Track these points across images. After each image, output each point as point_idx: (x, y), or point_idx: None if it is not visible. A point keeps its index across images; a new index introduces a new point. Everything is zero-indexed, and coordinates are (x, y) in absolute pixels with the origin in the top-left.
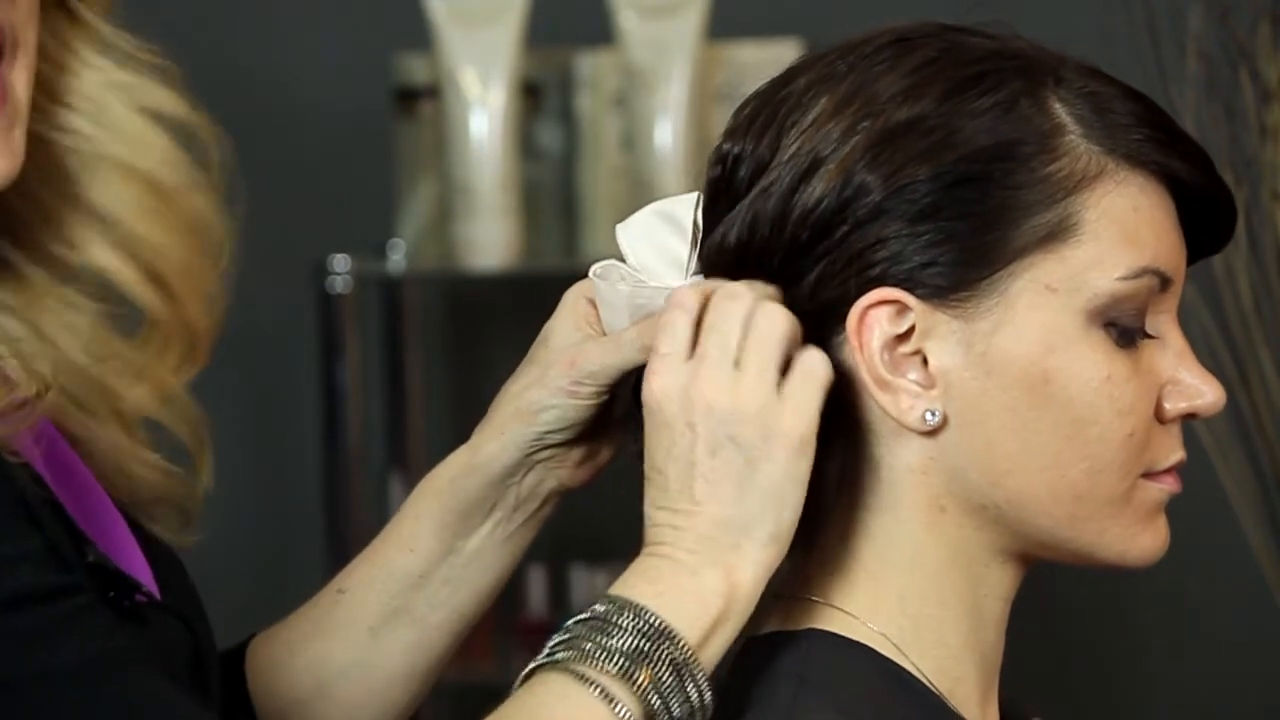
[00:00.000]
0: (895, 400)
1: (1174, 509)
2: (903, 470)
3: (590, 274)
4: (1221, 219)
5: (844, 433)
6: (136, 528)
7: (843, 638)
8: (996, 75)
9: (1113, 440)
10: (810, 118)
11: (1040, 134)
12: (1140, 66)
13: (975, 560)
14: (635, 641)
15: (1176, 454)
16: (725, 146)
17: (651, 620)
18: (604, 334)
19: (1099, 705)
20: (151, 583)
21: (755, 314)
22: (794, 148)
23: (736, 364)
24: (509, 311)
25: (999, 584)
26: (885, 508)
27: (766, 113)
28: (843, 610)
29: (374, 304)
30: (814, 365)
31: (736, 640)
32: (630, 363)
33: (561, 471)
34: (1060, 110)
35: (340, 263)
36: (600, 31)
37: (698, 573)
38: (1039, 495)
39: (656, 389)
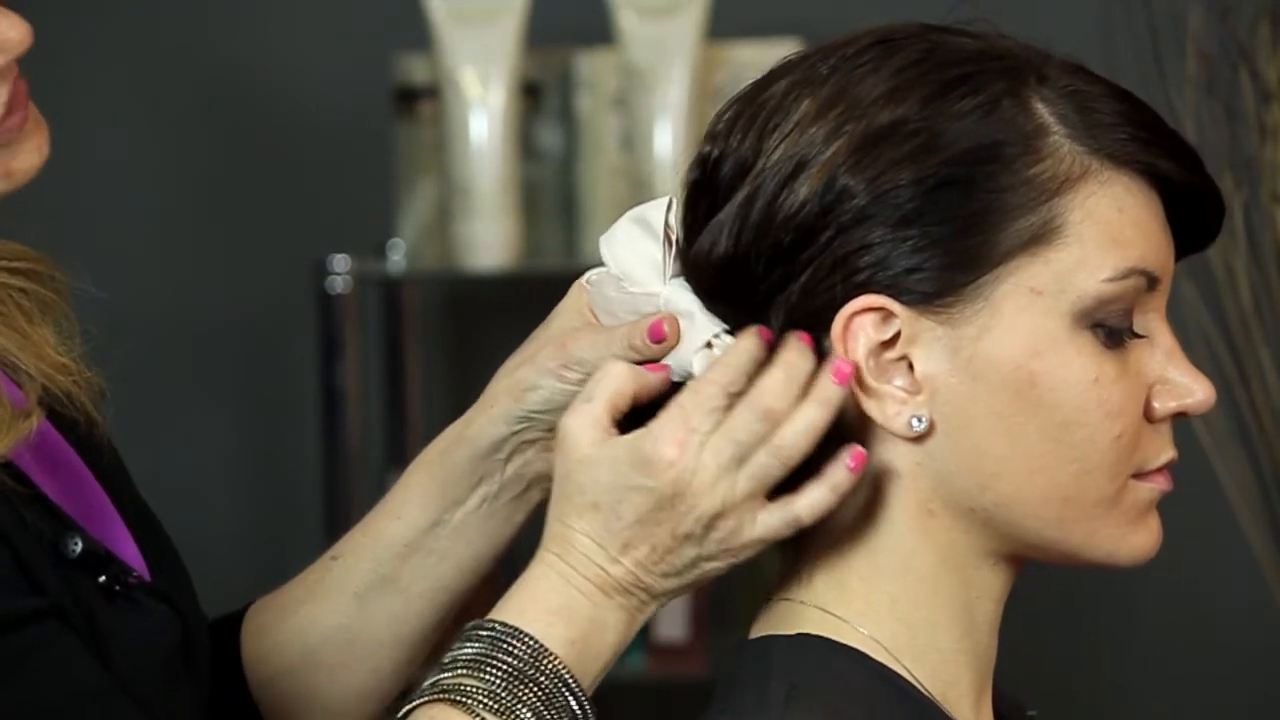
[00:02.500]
0: (881, 406)
1: (1173, 508)
2: (890, 475)
3: (584, 282)
4: (1210, 215)
5: (831, 438)
6: (126, 511)
7: (834, 642)
8: (979, 76)
9: (1101, 442)
10: (793, 121)
11: (1024, 135)
12: (1140, 66)
13: (966, 563)
14: (549, 685)
15: (1167, 453)
16: (706, 149)
17: (565, 676)
18: None
19: (1097, 704)
20: (141, 565)
21: (785, 426)
22: (777, 152)
23: (741, 463)
24: (509, 311)
25: (990, 586)
26: (874, 512)
27: (748, 114)
28: (834, 614)
29: (374, 304)
30: (794, 517)
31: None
32: (618, 357)
33: (550, 455)
34: (1043, 110)
35: (340, 263)
36: (600, 31)
37: (606, 625)
38: (1028, 498)
39: (668, 455)
